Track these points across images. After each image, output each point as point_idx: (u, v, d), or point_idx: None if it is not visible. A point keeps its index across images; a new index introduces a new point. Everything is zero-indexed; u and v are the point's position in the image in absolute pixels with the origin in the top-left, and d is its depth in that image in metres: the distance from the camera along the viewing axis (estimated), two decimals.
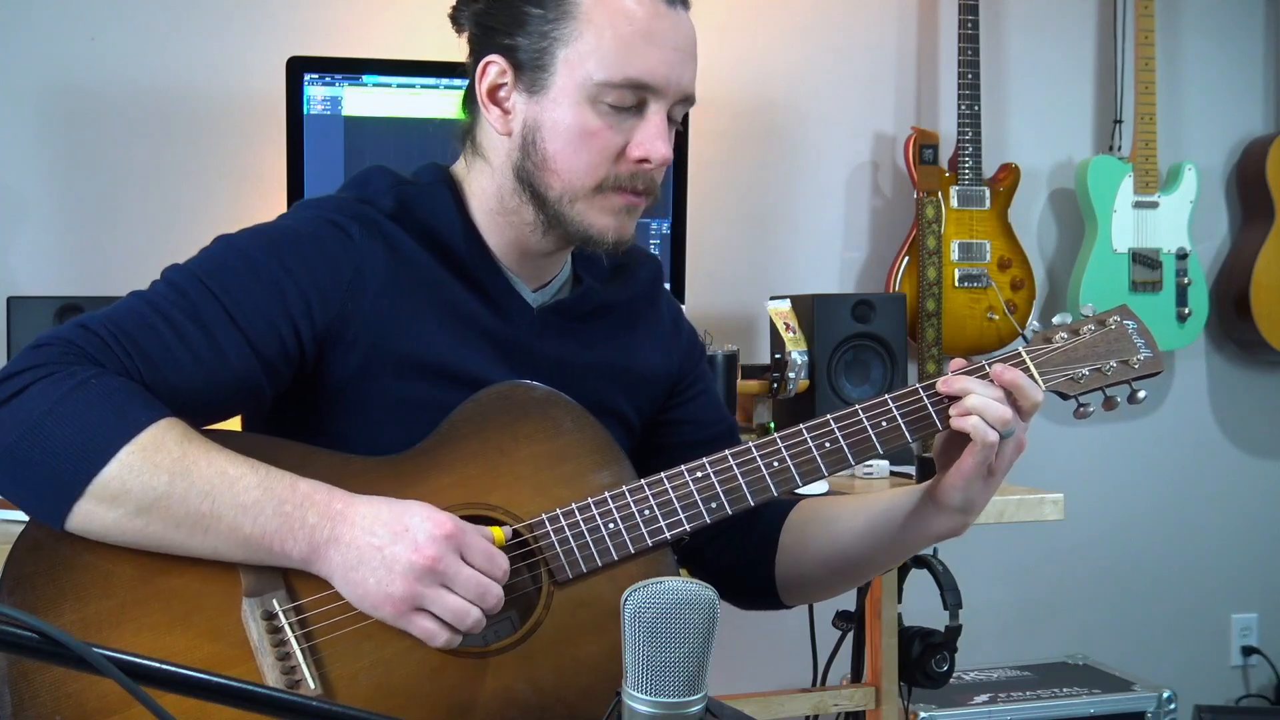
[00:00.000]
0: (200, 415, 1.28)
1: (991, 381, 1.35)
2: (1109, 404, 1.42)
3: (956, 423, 1.33)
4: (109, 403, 1.19)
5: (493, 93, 1.38)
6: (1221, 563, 3.47)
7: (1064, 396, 1.41)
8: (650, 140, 1.34)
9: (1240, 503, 3.48)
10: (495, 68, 1.37)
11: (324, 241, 1.34)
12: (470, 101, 1.44)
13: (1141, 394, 1.41)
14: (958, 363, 1.39)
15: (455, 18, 1.44)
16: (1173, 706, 2.79)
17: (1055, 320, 1.44)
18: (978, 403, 1.32)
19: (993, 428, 1.31)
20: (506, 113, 1.38)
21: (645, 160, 1.35)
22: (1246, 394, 3.49)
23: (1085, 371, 1.40)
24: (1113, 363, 1.41)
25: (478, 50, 1.40)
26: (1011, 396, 1.34)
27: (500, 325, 1.40)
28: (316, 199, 1.42)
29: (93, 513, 1.19)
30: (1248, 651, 3.49)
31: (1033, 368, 1.39)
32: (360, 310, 1.33)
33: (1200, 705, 3.10)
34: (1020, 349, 1.41)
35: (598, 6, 1.33)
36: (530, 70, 1.35)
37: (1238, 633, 3.50)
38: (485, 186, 1.41)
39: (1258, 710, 3.47)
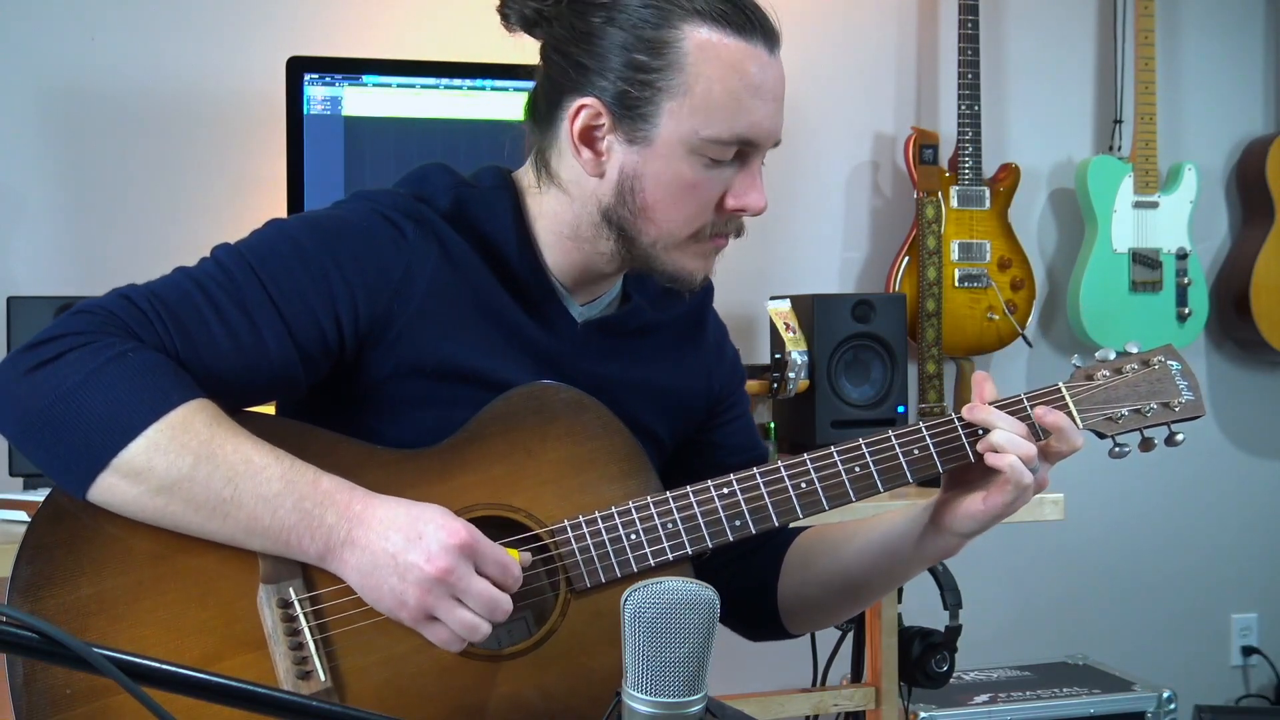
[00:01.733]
0: (233, 398, 1.27)
1: (1019, 416, 1.33)
2: (1146, 445, 1.40)
3: (992, 459, 1.32)
4: (143, 379, 1.19)
5: (585, 134, 1.34)
6: (1221, 563, 3.47)
7: (1101, 435, 1.39)
8: (748, 191, 1.35)
9: (1240, 503, 3.48)
10: (589, 111, 1.33)
11: (377, 237, 1.33)
12: (541, 117, 1.39)
13: (1180, 437, 1.39)
14: (984, 384, 1.36)
15: (505, 13, 1.39)
16: (1173, 706, 2.78)
17: (1098, 356, 1.41)
18: (1004, 439, 1.31)
19: (1025, 468, 1.30)
20: (600, 155, 1.34)
21: (742, 210, 1.35)
22: (1246, 394, 3.49)
23: (1125, 411, 1.38)
24: (1153, 404, 1.39)
25: (559, 82, 1.35)
26: (1050, 437, 1.33)
27: (543, 337, 1.39)
28: (373, 191, 1.40)
29: (115, 486, 1.19)
30: (1248, 651, 3.49)
31: (1072, 405, 1.37)
32: (405, 311, 1.32)
33: (1200, 705, 3.10)
34: (1060, 384, 1.38)
35: (706, 60, 1.29)
36: (630, 118, 1.32)
37: (1238, 633, 3.50)
38: (559, 212, 1.39)
39: (1258, 710, 3.47)
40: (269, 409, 1.39)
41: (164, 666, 0.86)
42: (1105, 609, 3.38)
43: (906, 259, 3.03)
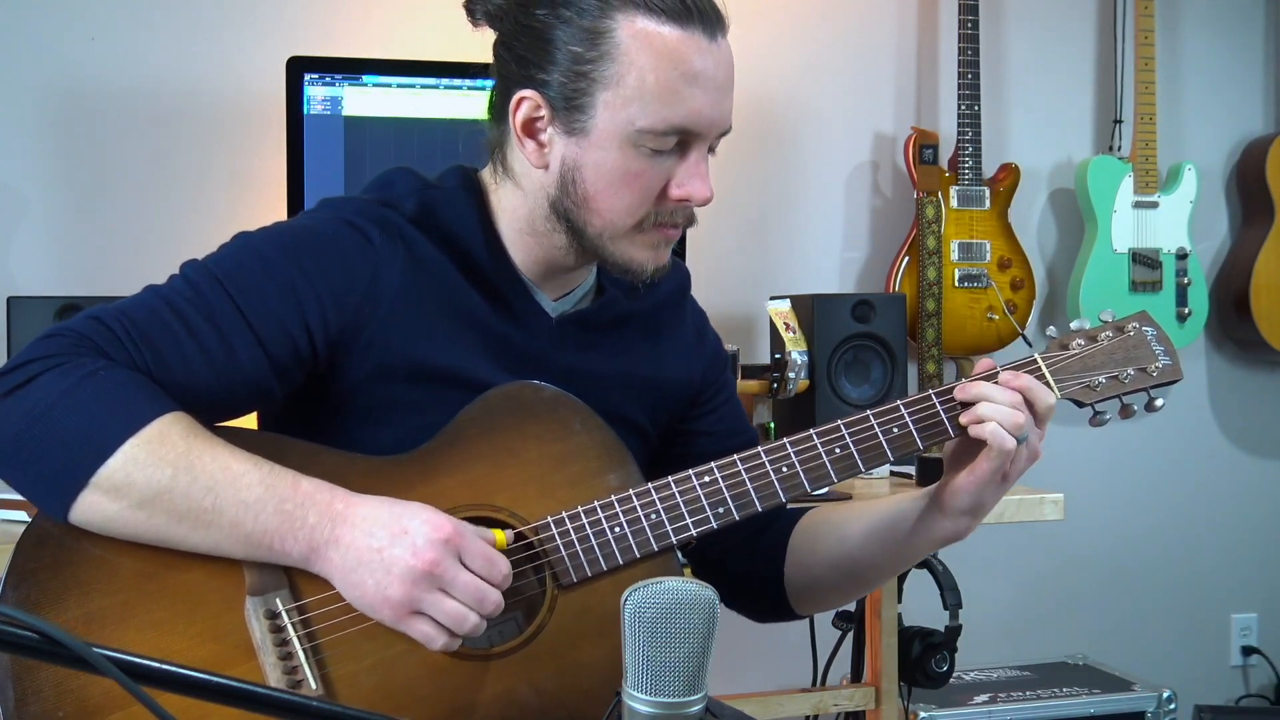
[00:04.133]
0: (208, 412, 1.27)
1: (1005, 386, 1.34)
2: (1125, 412, 1.40)
3: (974, 430, 1.32)
4: (116, 395, 1.20)
5: (527, 126, 1.35)
6: (1221, 563, 3.47)
7: (1080, 404, 1.39)
8: (690, 180, 1.33)
9: (1240, 503, 3.48)
10: (529, 103, 1.33)
11: (343, 244, 1.33)
12: (496, 113, 1.40)
13: (1159, 402, 1.39)
14: (983, 365, 1.37)
15: (471, 9, 1.40)
16: (1173, 706, 2.78)
17: (1073, 326, 1.42)
18: (991, 409, 1.31)
19: (1009, 434, 1.30)
20: (542, 146, 1.35)
21: (686, 200, 1.34)
22: (1246, 394, 3.49)
23: (1102, 379, 1.39)
24: (1130, 370, 1.39)
25: (506, 77, 1.37)
26: (1026, 401, 1.33)
27: (517, 334, 1.39)
28: (339, 199, 1.41)
29: (96, 504, 1.19)
30: (1248, 651, 3.49)
31: (1048, 375, 1.37)
32: (375, 315, 1.32)
33: (1200, 705, 3.10)
34: (1036, 355, 1.39)
35: (639, 49, 1.29)
36: (568, 109, 1.32)
37: (1238, 633, 3.50)
38: (515, 206, 1.39)
39: (1258, 710, 3.47)
40: (249, 423, 1.39)
41: (164, 666, 0.86)
42: (1105, 609, 3.38)
43: (906, 259, 3.03)
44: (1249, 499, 3.49)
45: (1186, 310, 3.19)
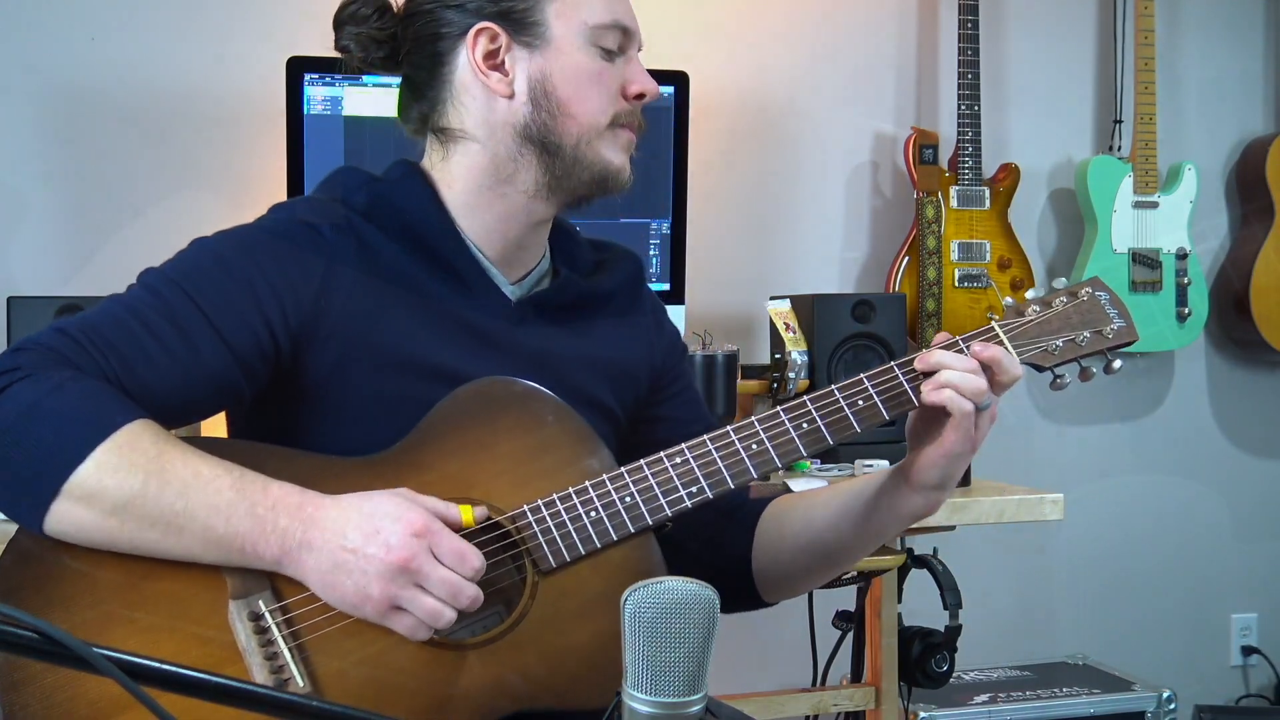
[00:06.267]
0: (178, 414, 1.29)
1: (965, 355, 1.35)
2: (1085, 374, 1.42)
3: (931, 396, 1.33)
4: (85, 404, 1.21)
5: (488, 59, 1.40)
6: (1221, 563, 3.47)
7: (1039, 368, 1.41)
8: (640, 76, 1.43)
9: (1240, 503, 3.48)
10: (486, 34, 1.40)
11: (296, 240, 1.36)
12: (423, 90, 1.46)
13: (1117, 364, 1.42)
14: (940, 338, 1.39)
15: (345, 48, 1.48)
16: (1173, 706, 2.78)
17: (1028, 295, 1.44)
18: (953, 377, 1.33)
19: (968, 399, 1.31)
20: (507, 74, 1.40)
21: (642, 95, 1.43)
22: (1246, 394, 3.49)
23: (1059, 343, 1.41)
24: (1086, 333, 1.42)
25: (439, 35, 1.42)
26: (989, 371, 1.34)
27: (478, 317, 1.41)
28: (289, 201, 1.45)
29: (69, 512, 1.20)
30: (1248, 651, 3.49)
31: (1006, 341, 1.39)
32: (333, 306, 1.34)
33: (1200, 705, 3.10)
34: (993, 321, 1.41)
35: None
36: (523, 27, 1.39)
37: (1238, 633, 3.50)
38: (472, 165, 1.42)
39: (1258, 710, 3.47)
40: (222, 426, 1.40)
41: (164, 666, 0.86)
42: (1105, 609, 3.38)
43: (906, 259, 3.03)
44: (1249, 499, 3.49)
45: (1186, 310, 3.19)
